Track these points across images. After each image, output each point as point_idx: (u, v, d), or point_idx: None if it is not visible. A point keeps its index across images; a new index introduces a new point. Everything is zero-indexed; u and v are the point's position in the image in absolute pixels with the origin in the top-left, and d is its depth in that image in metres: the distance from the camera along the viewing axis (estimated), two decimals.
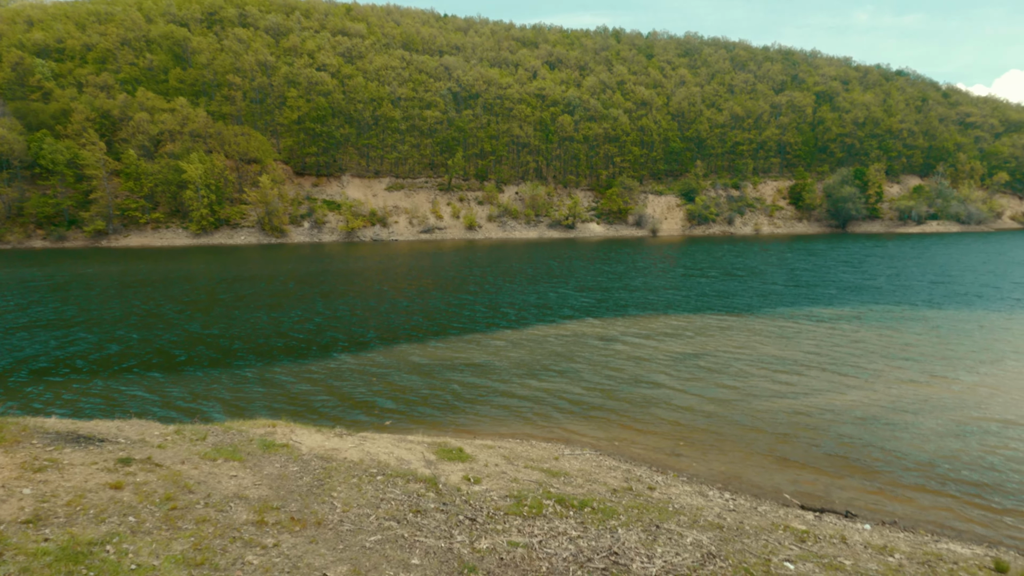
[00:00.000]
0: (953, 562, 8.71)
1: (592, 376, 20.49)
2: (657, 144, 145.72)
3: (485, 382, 19.72)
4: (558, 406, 17.43)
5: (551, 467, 11.35)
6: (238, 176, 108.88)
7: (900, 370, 21.06)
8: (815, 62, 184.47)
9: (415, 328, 29.05)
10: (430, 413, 16.76)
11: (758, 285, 44.03)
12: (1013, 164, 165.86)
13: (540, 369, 21.44)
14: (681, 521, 9.24)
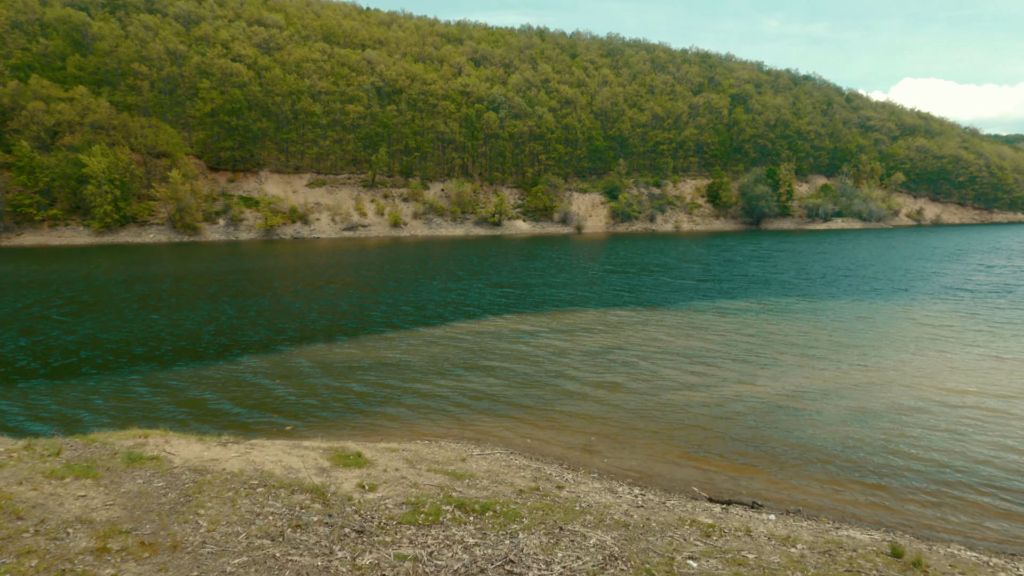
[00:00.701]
0: (852, 549, 8.89)
1: (507, 373, 20.27)
2: (581, 142, 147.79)
3: (397, 382, 19.15)
4: (471, 405, 17.09)
5: (456, 469, 10.98)
6: (146, 171, 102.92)
7: (804, 360, 21.85)
8: (730, 65, 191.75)
9: (328, 328, 28.07)
10: (336, 416, 16.05)
11: (672, 280, 45.16)
12: (908, 165, 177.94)
13: (455, 367, 21.05)
14: (587, 521, 9.08)
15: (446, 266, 56.94)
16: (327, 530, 7.32)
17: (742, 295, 37.34)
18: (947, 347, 23.21)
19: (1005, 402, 16.69)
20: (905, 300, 34.90)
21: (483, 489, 10.01)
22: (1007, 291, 37.60)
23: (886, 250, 75.57)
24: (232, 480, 8.64)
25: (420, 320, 29.81)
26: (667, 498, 11.47)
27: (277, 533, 7.07)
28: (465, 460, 12.01)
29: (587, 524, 9.00)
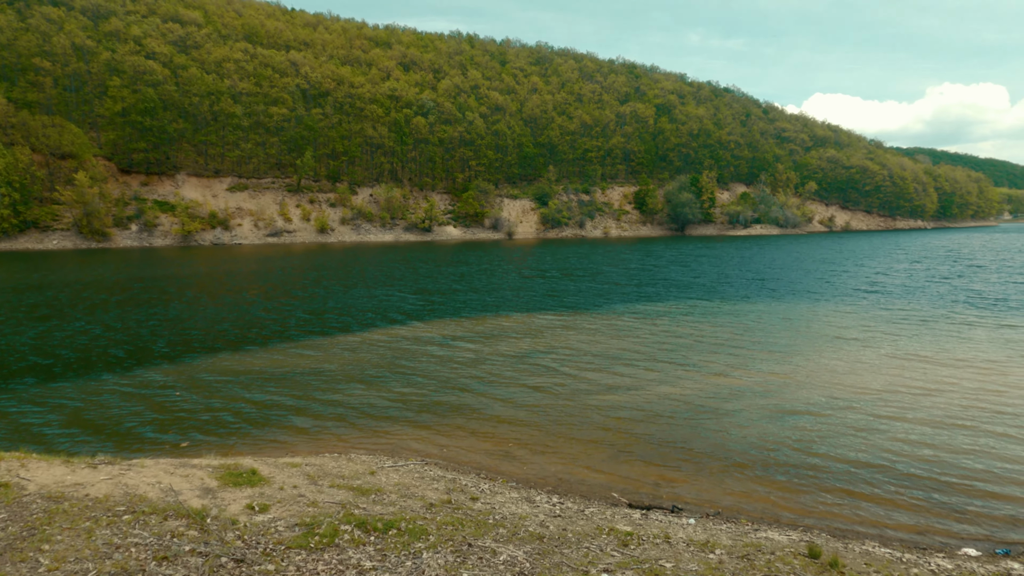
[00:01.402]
0: (771, 552, 8.81)
1: (426, 380, 19.68)
2: (511, 149, 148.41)
3: (309, 392, 18.24)
4: (387, 414, 16.41)
5: (363, 484, 10.35)
6: (49, 172, 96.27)
7: (723, 361, 22.23)
8: (655, 76, 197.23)
9: (239, 336, 26.68)
10: (237, 430, 15.01)
11: (595, 285, 45.61)
12: (820, 175, 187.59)
13: (371, 375, 20.28)
14: (499, 535, 8.68)
15: (371, 272, 55.65)
16: (199, 560, 6.56)
17: (663, 299, 38.00)
18: (855, 347, 24.16)
19: (909, 399, 17.40)
20: (816, 302, 36.36)
21: (390, 505, 9.45)
22: (907, 293, 39.79)
23: (801, 255, 79.10)
24: (94, 507, 7.73)
25: (338, 327, 28.79)
26: (586, 505, 11.20)
27: (137, 568, 6.25)
28: (375, 473, 11.38)
29: (499, 538, 8.60)
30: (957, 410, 16.16)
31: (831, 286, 43.49)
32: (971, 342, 24.14)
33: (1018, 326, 27.40)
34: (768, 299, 37.49)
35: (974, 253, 79.70)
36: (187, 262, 66.38)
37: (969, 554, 9.73)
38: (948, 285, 43.26)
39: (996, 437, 14.28)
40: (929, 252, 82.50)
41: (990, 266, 59.26)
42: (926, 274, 51.70)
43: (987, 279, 47.33)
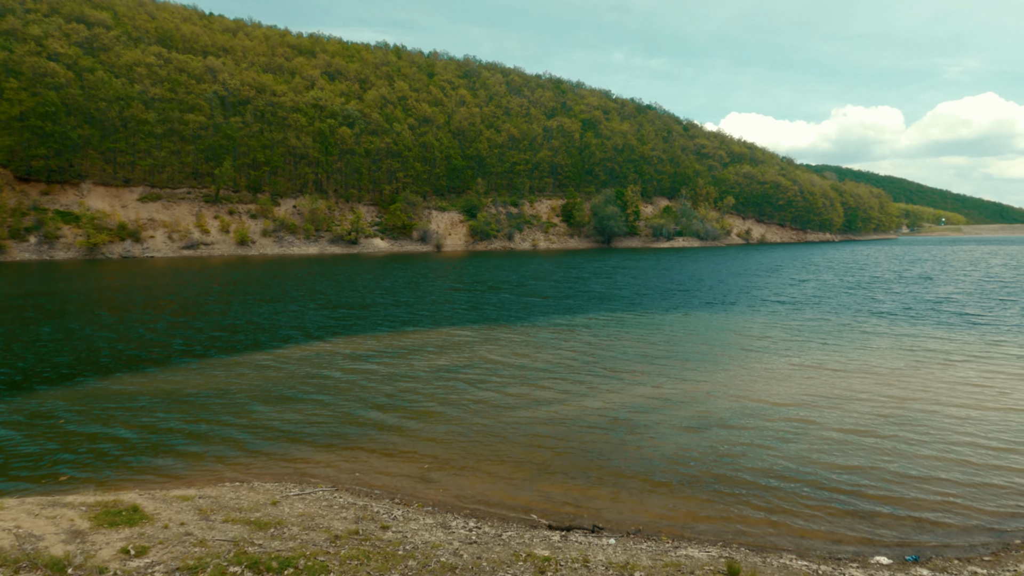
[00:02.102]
0: (691, 571, 8.66)
1: (343, 399, 18.85)
2: (439, 161, 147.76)
3: (210, 415, 17.02)
4: (296, 437, 15.52)
5: (263, 516, 9.61)
6: None
7: (643, 373, 22.39)
8: (581, 92, 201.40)
9: (141, 356, 24.93)
10: (125, 460, 13.72)
11: (518, 298, 45.55)
12: (737, 190, 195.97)
13: (283, 395, 19.24)
14: (408, 568, 8.17)
15: (291, 286, 53.74)
16: None
17: (584, 311, 38.27)
18: (767, 357, 24.87)
19: (819, 408, 17.93)
20: (731, 313, 37.51)
21: (290, 539, 8.78)
22: (815, 303, 41.65)
23: (718, 267, 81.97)
24: None
25: (249, 345, 27.38)
26: (504, 529, 10.83)
27: None
28: (277, 503, 10.61)
29: (408, 571, 8.11)
30: (865, 418, 16.76)
31: (746, 297, 45.03)
32: (875, 351, 25.31)
33: (916, 335, 29.00)
34: (685, 310, 38.38)
35: (877, 264, 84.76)
36: (91, 276, 62.20)
37: (881, 562, 9.91)
38: (852, 295, 45.59)
39: (901, 443, 14.84)
40: (836, 264, 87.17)
41: (891, 277, 63.04)
42: (832, 285, 54.38)
43: (888, 289, 50.24)
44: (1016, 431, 15.26)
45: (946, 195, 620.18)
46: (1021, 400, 17.73)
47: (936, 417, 16.33)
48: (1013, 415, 16.50)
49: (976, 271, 70.83)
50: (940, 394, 18.41)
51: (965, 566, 9.50)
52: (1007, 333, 28.81)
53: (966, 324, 31.43)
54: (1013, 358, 23.28)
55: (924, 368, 21.94)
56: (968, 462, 13.43)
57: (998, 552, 10.10)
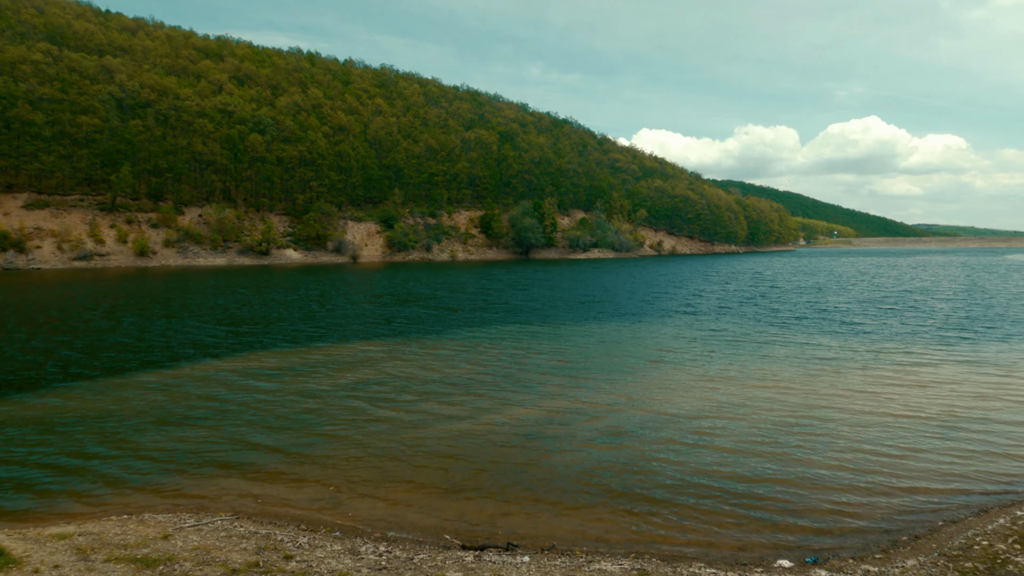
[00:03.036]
0: None
1: (242, 422, 17.92)
2: (356, 170, 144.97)
3: (95, 442, 15.71)
4: (192, 462, 14.64)
5: (151, 553, 8.98)
6: None
7: (553, 385, 22.56)
8: (498, 105, 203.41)
9: (11, 380, 22.97)
10: None
11: (430, 311, 45.16)
12: (650, 203, 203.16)
13: (179, 418, 18.11)
14: None
15: (193, 300, 51.06)
16: None
17: (497, 324, 38.36)
18: (675, 368, 25.66)
19: (723, 418, 18.65)
20: (642, 324, 38.61)
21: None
22: (718, 313, 43.53)
23: (631, 277, 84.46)
24: None
25: (137, 365, 25.61)
26: (417, 551, 10.60)
27: None
28: (169, 537, 9.95)
29: None
30: (767, 427, 17.56)
31: (655, 308, 46.49)
32: (774, 360, 26.62)
33: (811, 344, 30.78)
34: (597, 322, 39.18)
35: (777, 276, 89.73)
36: None
37: (783, 566, 10.31)
38: (754, 306, 48.00)
39: (801, 450, 15.62)
40: (740, 274, 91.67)
41: (788, 288, 66.86)
42: (736, 295, 57.07)
43: (786, 300, 53.24)
44: (902, 436, 16.42)
45: (838, 210, 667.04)
46: (905, 406, 19.11)
47: (831, 424, 17.34)
48: (899, 420, 17.76)
49: (863, 281, 76.27)
50: (834, 402, 19.59)
51: (859, 564, 10.05)
52: (891, 341, 31.07)
53: (855, 333, 33.65)
54: (897, 365, 25.11)
55: (819, 377, 23.28)
56: (861, 467, 14.30)
57: (888, 549, 10.74)
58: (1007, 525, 11.00)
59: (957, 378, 22.51)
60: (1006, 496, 12.84)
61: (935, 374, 23.25)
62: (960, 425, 16.96)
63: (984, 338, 31.19)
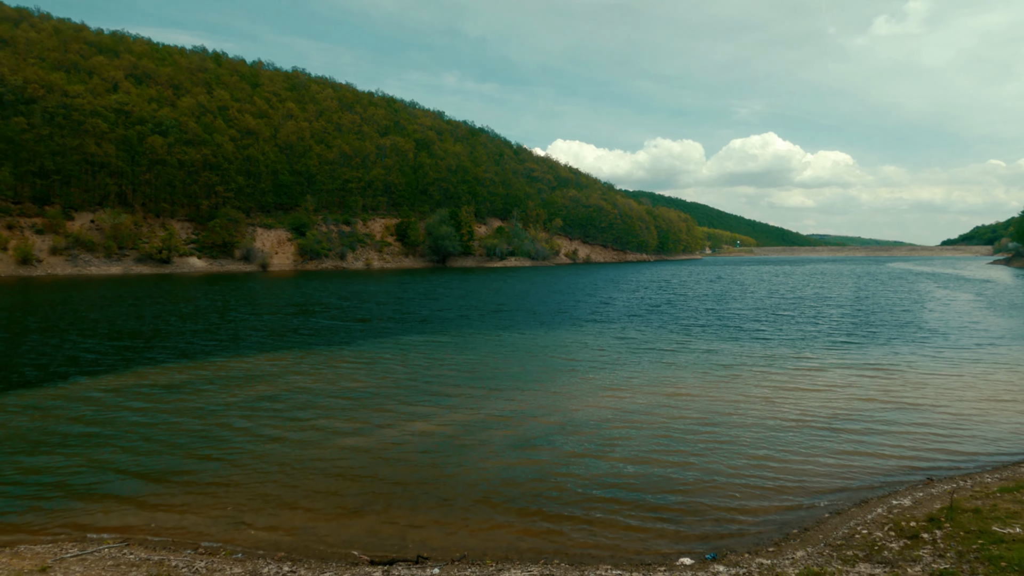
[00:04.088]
0: None
1: (133, 441, 16.81)
2: (265, 176, 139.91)
3: None
4: (77, 487, 13.58)
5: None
6: None
7: (465, 395, 22.43)
8: (414, 112, 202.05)
9: None
10: None
11: (334, 322, 44.22)
12: (565, 212, 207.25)
13: (55, 441, 16.71)
14: None
15: (79, 312, 47.68)
16: None
17: (407, 333, 37.79)
18: (585, 375, 26.08)
19: (630, 423, 19.22)
20: (553, 332, 39.18)
21: None
22: (628, 320, 44.83)
23: (545, 285, 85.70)
24: None
25: (15, 383, 23.77)
26: (323, 570, 10.29)
27: None
28: (48, 569, 9.21)
29: None
30: (672, 430, 18.22)
31: (566, 316, 47.29)
32: (676, 367, 27.49)
33: (713, 351, 32.18)
34: (507, 331, 39.35)
35: (682, 283, 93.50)
36: None
37: (685, 563, 10.71)
38: (659, 313, 49.71)
39: (702, 452, 16.27)
40: (649, 282, 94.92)
41: (693, 295, 69.83)
42: (642, 303, 58.84)
43: (690, 307, 55.57)
44: (793, 438, 17.46)
45: (740, 220, 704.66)
46: (796, 409, 20.34)
47: (729, 429, 18.19)
48: (790, 423, 18.89)
49: (762, 288, 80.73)
50: (732, 408, 20.53)
51: (754, 558, 10.58)
52: (785, 347, 32.93)
53: (753, 339, 35.44)
54: (790, 370, 26.65)
55: (718, 383, 24.26)
56: (756, 468, 15.08)
57: (780, 542, 11.36)
58: (884, 514, 11.91)
59: (843, 381, 24.13)
60: (883, 488, 13.91)
61: (824, 378, 24.83)
62: (844, 426, 18.21)
63: (869, 342, 33.60)
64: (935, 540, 9.98)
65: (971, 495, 12.27)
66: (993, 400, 21.04)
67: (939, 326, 39.69)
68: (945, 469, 14.98)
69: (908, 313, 48.07)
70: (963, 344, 32.42)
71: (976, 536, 9.80)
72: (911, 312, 48.97)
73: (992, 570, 8.51)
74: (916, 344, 32.71)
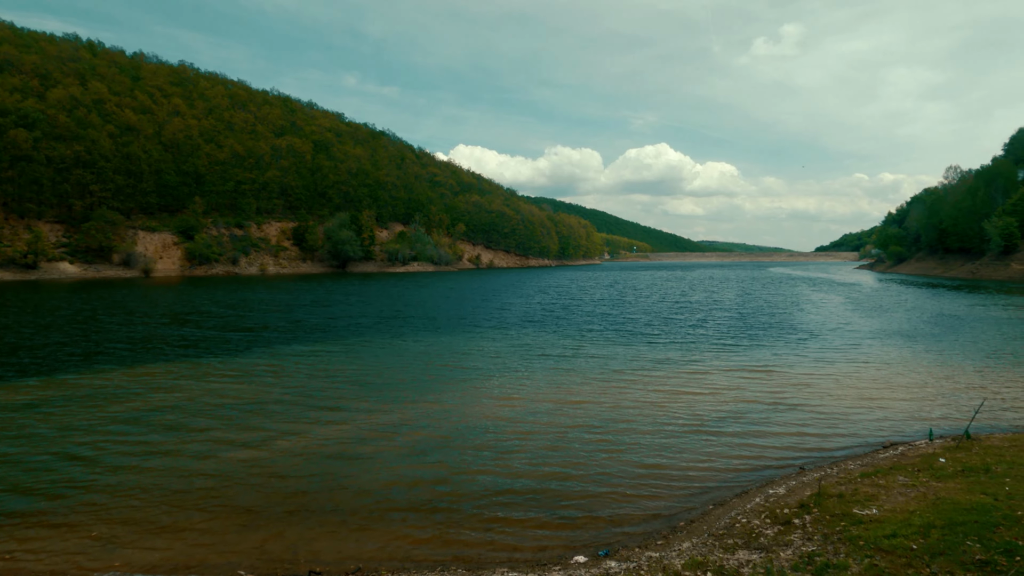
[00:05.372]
0: None
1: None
2: (148, 175, 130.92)
3: None
4: None
5: None
6: None
7: (359, 403, 21.70)
8: (312, 113, 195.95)
9: None
10: None
11: (215, 333, 42.35)
12: (468, 217, 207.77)
13: None
14: None
15: None
16: None
17: (298, 342, 36.03)
18: (482, 379, 25.96)
19: (529, 426, 19.47)
20: (451, 337, 38.98)
21: None
22: (526, 325, 45.38)
23: (447, 291, 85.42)
24: None
25: None
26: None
27: None
28: None
29: None
30: (568, 432, 18.63)
31: (464, 321, 47.11)
32: (571, 372, 27.77)
33: (606, 356, 33.18)
34: (403, 337, 38.65)
35: (581, 288, 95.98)
36: None
37: (579, 561, 10.95)
38: (556, 318, 50.43)
39: (597, 452, 16.74)
40: (548, 287, 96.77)
41: (589, 300, 71.80)
42: (540, 308, 59.56)
43: (586, 311, 57.14)
44: (681, 436, 18.30)
45: (636, 227, 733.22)
46: (684, 410, 21.35)
47: (622, 431, 18.74)
48: (678, 423, 19.79)
49: (656, 292, 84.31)
50: (623, 412, 21.05)
51: (644, 552, 10.99)
52: (675, 350, 34.44)
53: (645, 343, 36.68)
54: (680, 373, 27.83)
55: (611, 387, 24.72)
56: (648, 466, 15.67)
57: (668, 535, 11.86)
58: (761, 503, 12.74)
59: (728, 384, 25.41)
60: (762, 477, 14.92)
61: (711, 380, 26.03)
62: (729, 426, 19.22)
63: (753, 345, 35.72)
64: (804, 525, 10.79)
65: (837, 481, 13.35)
66: (861, 395, 23.01)
67: (815, 328, 42.89)
68: (816, 460, 16.23)
69: (788, 316, 51.68)
70: (836, 345, 35.21)
71: (839, 519, 10.68)
72: (790, 314, 52.72)
73: (852, 549, 9.31)
74: (794, 345, 35.20)
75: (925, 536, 9.38)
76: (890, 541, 9.31)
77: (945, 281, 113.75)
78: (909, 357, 31.00)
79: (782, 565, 9.15)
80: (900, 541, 9.26)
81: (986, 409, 20.30)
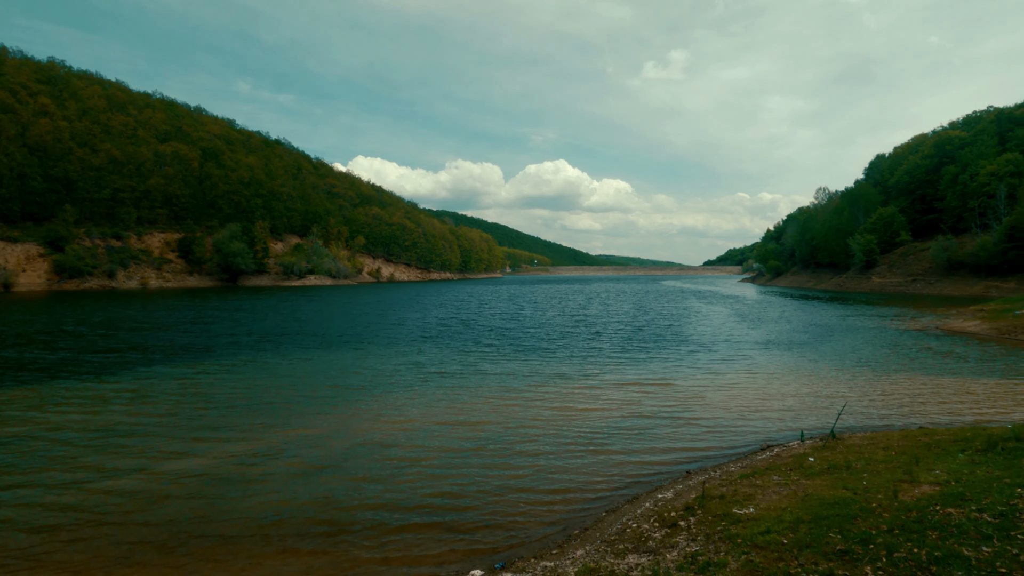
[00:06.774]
0: None
1: None
2: (8, 180, 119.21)
3: None
4: None
5: None
6: None
7: (241, 425, 20.54)
8: (200, 119, 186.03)
9: None
10: None
11: (74, 354, 39.48)
12: (367, 230, 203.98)
13: None
14: None
15: None
16: None
17: (172, 362, 33.55)
18: (371, 397, 25.34)
19: (421, 441, 19.36)
20: (343, 355, 37.79)
21: None
22: (423, 340, 44.98)
23: (343, 305, 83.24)
24: None
25: None
26: None
27: None
28: None
29: None
30: (464, 444, 18.68)
31: (358, 338, 45.52)
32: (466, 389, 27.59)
33: (503, 372, 33.59)
34: (286, 356, 36.66)
35: (481, 302, 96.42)
36: None
37: (476, 574, 11.01)
38: (454, 333, 50.23)
39: (493, 464, 16.86)
40: (448, 301, 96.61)
41: (489, 314, 72.32)
42: (438, 323, 58.72)
43: (485, 325, 57.49)
44: (574, 448, 18.79)
45: (537, 241, 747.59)
46: (578, 422, 21.94)
47: (518, 446, 18.94)
48: (570, 435, 20.32)
49: (555, 307, 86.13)
50: (519, 428, 21.14)
51: (539, 562, 11.17)
52: (570, 364, 35.31)
53: (541, 358, 36.97)
54: (575, 387, 28.44)
55: (507, 404, 24.72)
56: (546, 479, 15.90)
57: (563, 544, 12.12)
58: (651, 508, 13.30)
59: (622, 397, 25.97)
60: (651, 484, 15.58)
61: (606, 395, 26.56)
62: (623, 440, 19.78)
63: (646, 358, 36.98)
64: (689, 526, 11.38)
65: (719, 483, 14.18)
66: (745, 403, 24.49)
67: (705, 340, 45.12)
68: (703, 462, 17.16)
69: (679, 328, 54.23)
70: (724, 355, 37.25)
71: (720, 519, 11.35)
72: (681, 327, 55.34)
73: (731, 547, 9.92)
74: (685, 356, 36.97)
75: (795, 531, 10.15)
76: (764, 537, 10.01)
77: (818, 293, 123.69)
78: (788, 365, 33.44)
79: (668, 566, 9.61)
80: (773, 537, 9.98)
81: (848, 411, 22.27)
